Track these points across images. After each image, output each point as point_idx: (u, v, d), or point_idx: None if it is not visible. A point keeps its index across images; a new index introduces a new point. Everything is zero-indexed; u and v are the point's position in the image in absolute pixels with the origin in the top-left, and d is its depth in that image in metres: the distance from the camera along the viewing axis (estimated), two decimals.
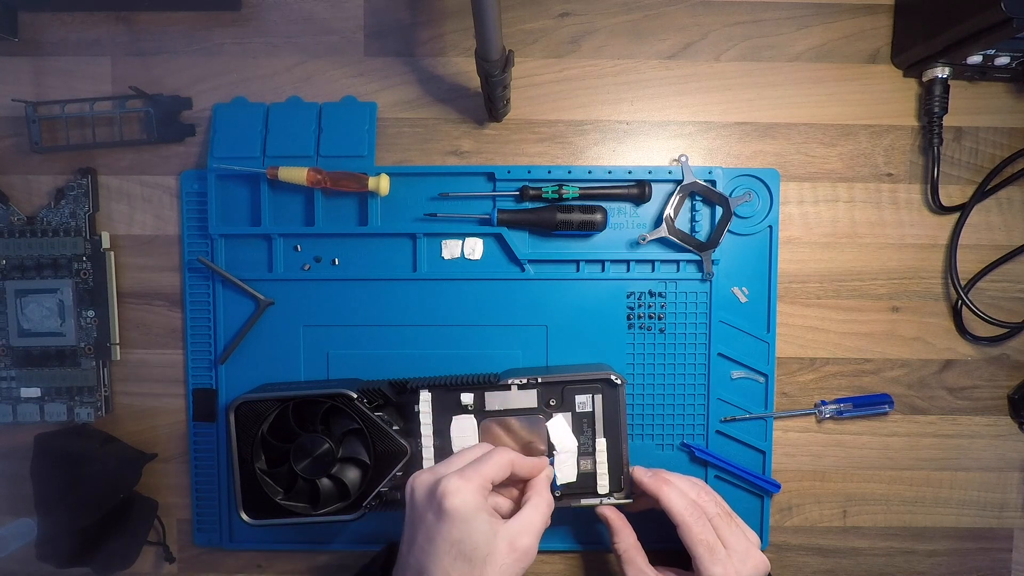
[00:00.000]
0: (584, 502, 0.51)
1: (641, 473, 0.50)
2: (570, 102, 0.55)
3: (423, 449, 0.51)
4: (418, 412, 0.51)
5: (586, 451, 0.51)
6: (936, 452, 0.57)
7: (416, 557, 0.41)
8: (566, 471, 0.50)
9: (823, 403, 0.56)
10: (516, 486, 0.48)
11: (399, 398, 0.52)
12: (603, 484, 0.51)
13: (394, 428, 0.50)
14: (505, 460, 0.45)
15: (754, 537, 0.49)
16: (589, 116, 0.55)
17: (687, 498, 0.48)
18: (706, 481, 0.55)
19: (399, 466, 0.49)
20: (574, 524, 0.55)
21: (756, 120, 0.56)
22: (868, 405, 0.56)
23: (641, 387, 0.55)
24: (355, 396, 0.49)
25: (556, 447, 0.50)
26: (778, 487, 0.55)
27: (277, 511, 0.50)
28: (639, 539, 0.50)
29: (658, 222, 0.54)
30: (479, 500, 0.41)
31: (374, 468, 0.50)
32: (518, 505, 0.46)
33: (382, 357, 0.55)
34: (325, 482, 0.50)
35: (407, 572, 0.42)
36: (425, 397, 0.50)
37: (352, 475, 0.50)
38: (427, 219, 0.54)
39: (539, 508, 0.45)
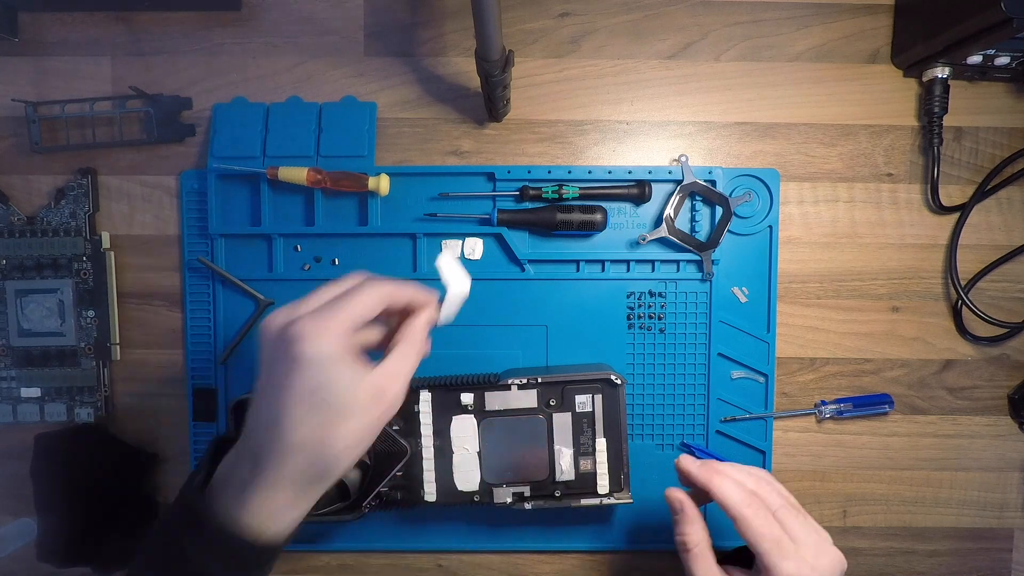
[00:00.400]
0: (584, 502, 0.51)
1: (689, 463, 0.44)
2: (570, 102, 0.55)
3: (423, 449, 0.51)
4: (418, 412, 0.51)
5: (586, 451, 0.51)
6: (936, 452, 0.57)
7: (268, 406, 0.36)
8: (449, 309, 0.43)
9: (823, 403, 0.56)
10: (397, 316, 0.42)
11: None
12: (603, 484, 0.51)
13: (394, 428, 0.50)
14: (375, 296, 0.38)
15: (824, 533, 0.43)
16: (589, 116, 0.55)
17: (744, 489, 0.42)
18: None
19: (399, 466, 0.49)
20: (574, 524, 0.55)
21: (756, 120, 0.56)
22: (868, 405, 0.56)
23: (641, 387, 0.55)
24: None
25: (447, 283, 0.44)
26: None
27: None
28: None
29: (658, 222, 0.54)
30: (338, 345, 0.36)
31: (374, 468, 0.50)
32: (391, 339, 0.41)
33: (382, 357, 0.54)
34: None
35: (259, 422, 0.37)
36: (425, 397, 0.51)
37: (352, 475, 0.50)
38: (427, 219, 0.54)
39: (407, 355, 0.39)
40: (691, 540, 0.43)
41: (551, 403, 0.51)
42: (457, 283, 0.43)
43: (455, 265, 0.44)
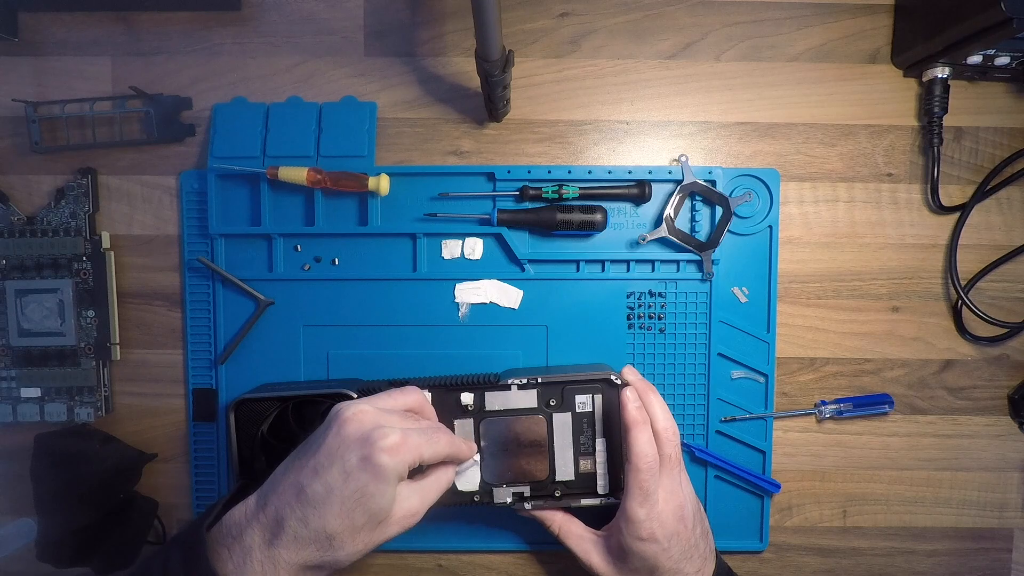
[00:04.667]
0: (584, 502, 0.51)
1: (630, 399, 0.47)
2: (570, 102, 0.55)
3: None
4: None
5: (586, 451, 0.51)
6: (936, 452, 0.57)
7: (315, 484, 0.39)
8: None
9: (823, 403, 0.56)
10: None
11: None
12: (602, 484, 0.51)
13: None
14: (445, 448, 0.44)
15: (687, 484, 0.49)
16: (589, 116, 0.55)
17: (653, 447, 0.47)
18: (705, 481, 0.55)
19: None
20: None
21: (756, 120, 0.56)
22: (868, 405, 0.56)
23: None
24: (355, 396, 0.49)
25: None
26: (778, 487, 0.55)
27: None
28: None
29: (658, 222, 0.54)
30: (407, 468, 0.41)
31: None
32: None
33: (382, 357, 0.55)
34: None
35: (298, 495, 0.40)
36: (425, 397, 0.50)
37: None
38: (427, 219, 0.54)
39: (440, 483, 0.45)
40: (555, 528, 0.51)
41: (551, 403, 0.51)
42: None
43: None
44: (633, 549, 0.47)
